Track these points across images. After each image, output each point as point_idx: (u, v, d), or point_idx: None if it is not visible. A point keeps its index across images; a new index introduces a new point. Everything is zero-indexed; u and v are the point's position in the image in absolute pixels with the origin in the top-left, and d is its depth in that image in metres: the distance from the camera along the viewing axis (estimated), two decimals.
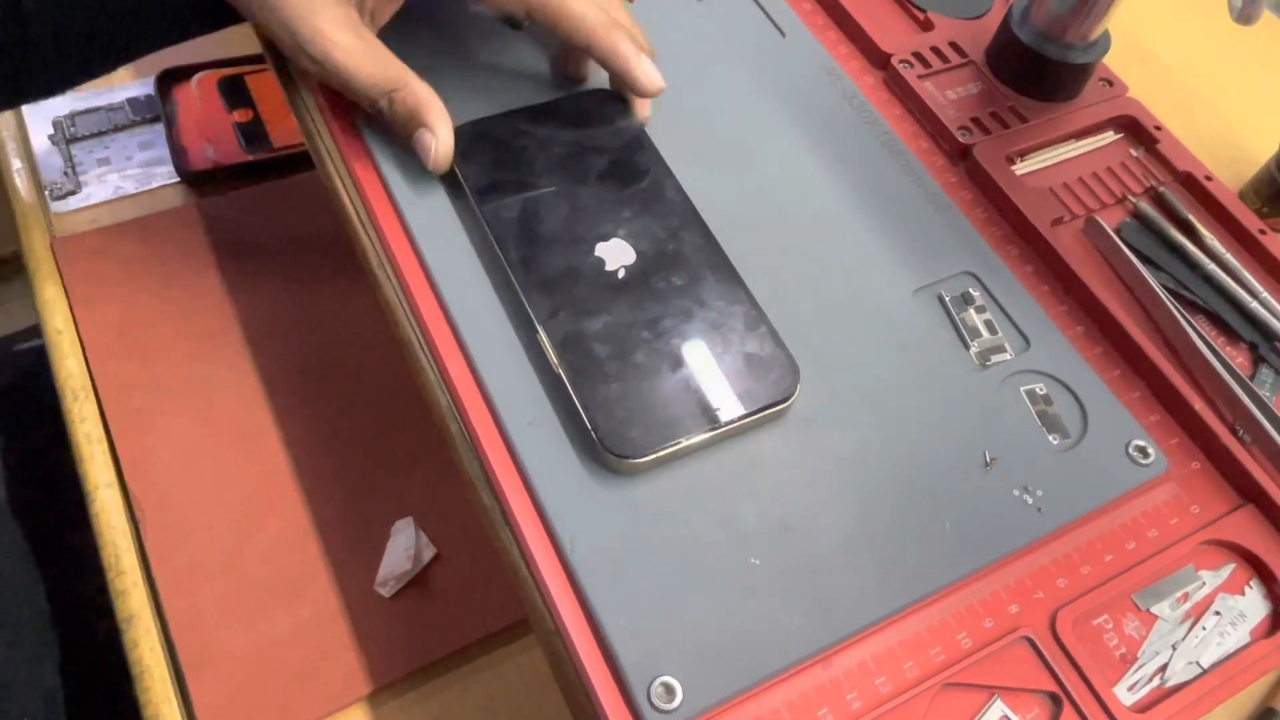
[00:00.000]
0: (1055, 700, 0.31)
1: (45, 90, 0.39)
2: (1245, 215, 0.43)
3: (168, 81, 0.61)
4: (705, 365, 0.33)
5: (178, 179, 0.58)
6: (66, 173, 0.57)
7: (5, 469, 0.58)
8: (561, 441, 0.32)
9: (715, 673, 0.29)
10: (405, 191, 0.37)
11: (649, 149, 0.38)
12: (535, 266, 0.34)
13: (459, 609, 0.46)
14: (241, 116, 0.60)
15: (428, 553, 0.47)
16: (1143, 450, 0.35)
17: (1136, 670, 0.32)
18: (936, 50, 0.46)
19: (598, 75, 0.41)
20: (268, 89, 0.62)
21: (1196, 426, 0.37)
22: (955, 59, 0.46)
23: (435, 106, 0.36)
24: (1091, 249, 0.42)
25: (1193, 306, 0.41)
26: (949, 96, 0.45)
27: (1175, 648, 0.33)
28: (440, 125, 0.36)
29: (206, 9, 0.39)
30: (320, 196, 0.41)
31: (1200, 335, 0.39)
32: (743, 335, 0.34)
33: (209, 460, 0.48)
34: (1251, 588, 0.35)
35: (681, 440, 0.32)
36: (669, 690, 0.28)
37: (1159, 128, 0.46)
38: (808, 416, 0.34)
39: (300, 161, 0.59)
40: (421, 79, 0.36)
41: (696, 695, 0.29)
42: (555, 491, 0.31)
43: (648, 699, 0.28)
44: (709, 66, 0.44)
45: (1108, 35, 0.44)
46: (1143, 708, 0.32)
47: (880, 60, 0.46)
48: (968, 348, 0.37)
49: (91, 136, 0.59)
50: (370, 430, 0.51)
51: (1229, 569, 0.35)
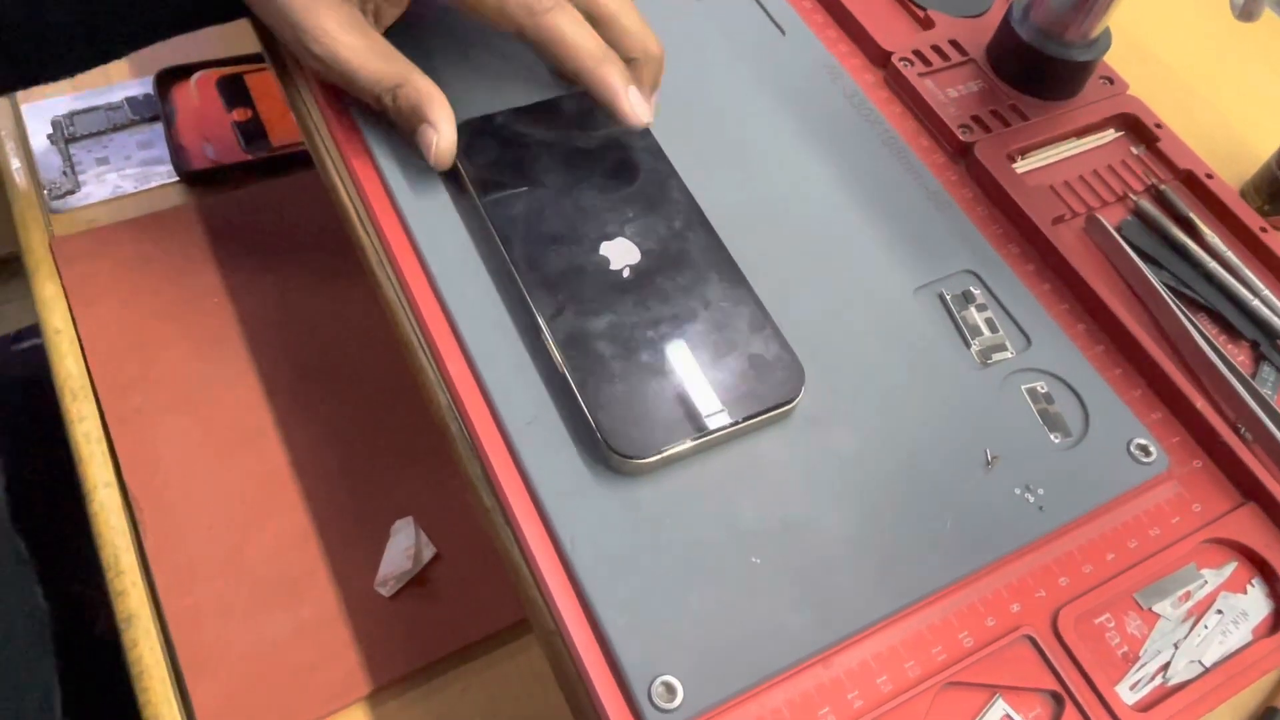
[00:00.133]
0: (1057, 699, 0.31)
1: (55, 75, 0.40)
2: (1246, 213, 0.43)
3: (167, 81, 0.61)
4: (711, 366, 0.33)
5: (177, 178, 0.58)
6: (65, 172, 0.57)
7: (3, 469, 0.58)
8: (562, 441, 0.32)
9: (716, 672, 0.29)
10: (405, 190, 0.37)
11: (652, 148, 0.38)
12: (539, 264, 0.34)
13: (459, 609, 0.46)
14: (240, 115, 0.60)
15: (427, 552, 0.47)
16: (1144, 448, 0.35)
17: (1138, 669, 0.32)
18: (937, 48, 0.46)
19: None
20: (267, 88, 0.62)
21: (1198, 424, 0.37)
22: (956, 57, 0.46)
23: (438, 101, 0.36)
24: (1093, 247, 0.42)
25: (1194, 304, 0.41)
26: (949, 94, 0.45)
27: (1177, 646, 0.33)
28: (443, 120, 0.35)
29: (214, 2, 0.39)
30: (320, 195, 0.41)
31: (1202, 333, 0.39)
32: (748, 336, 0.34)
33: (208, 459, 0.48)
34: (1254, 586, 0.35)
35: (687, 441, 0.31)
36: (670, 689, 0.28)
37: (1160, 125, 0.45)
38: (807, 416, 0.34)
39: (299, 160, 0.59)
40: (425, 74, 0.36)
41: (697, 694, 0.28)
42: (555, 491, 0.31)
43: (648, 698, 0.28)
44: (708, 65, 0.44)
45: (1108, 33, 0.44)
46: (1145, 707, 0.31)
47: (880, 58, 0.46)
48: (969, 346, 0.37)
49: (90, 136, 0.59)
50: (370, 429, 0.51)
51: (1231, 567, 0.35)
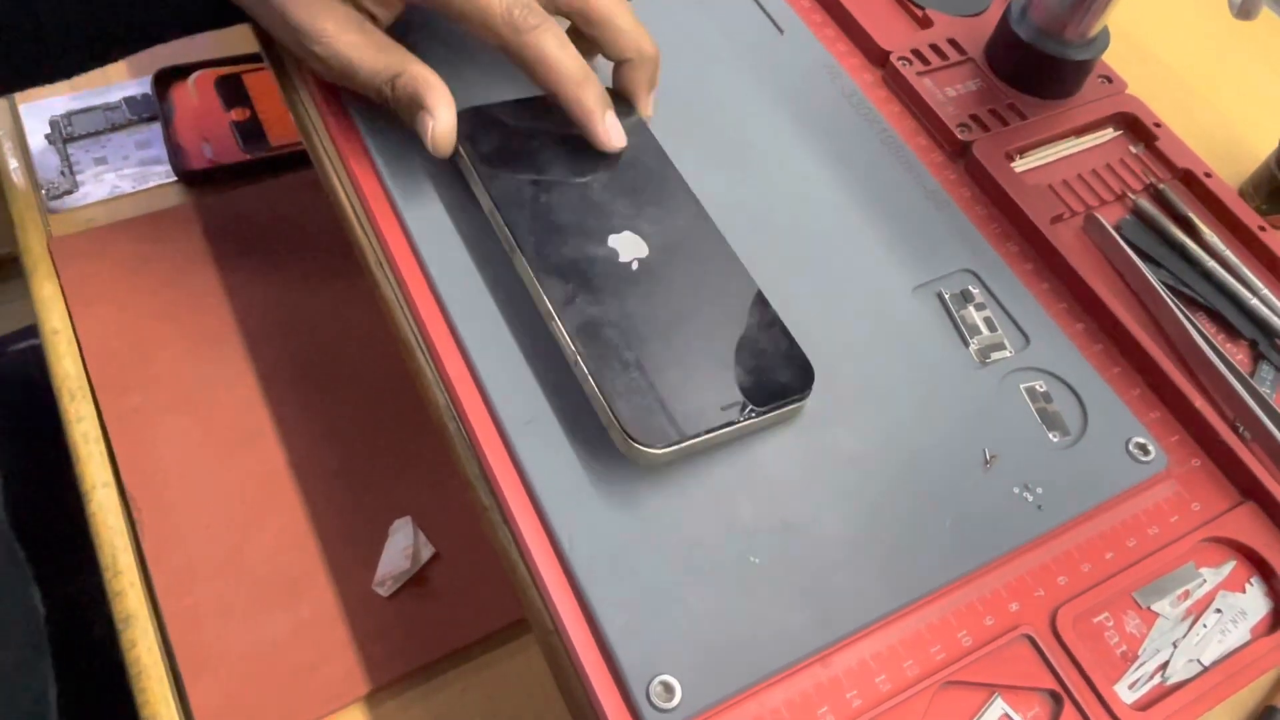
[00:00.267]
0: (1056, 698, 0.31)
1: (51, 77, 0.40)
2: (1245, 212, 0.43)
3: (165, 80, 0.61)
4: (726, 359, 0.33)
5: (175, 178, 0.58)
6: (63, 172, 0.57)
7: (1, 469, 0.57)
8: (560, 440, 0.32)
9: (715, 671, 0.29)
10: (403, 190, 0.37)
11: (653, 145, 0.38)
12: (547, 252, 0.34)
13: (457, 608, 0.45)
14: (239, 115, 0.60)
15: (426, 552, 0.47)
16: (1143, 447, 0.35)
17: (1137, 668, 0.32)
18: (935, 47, 0.46)
19: (601, 70, 0.41)
20: (265, 88, 0.62)
21: (1197, 423, 0.37)
22: (954, 56, 0.46)
23: (436, 88, 0.35)
24: (1091, 246, 0.42)
25: (1192, 303, 0.41)
26: (948, 94, 0.45)
27: (1176, 645, 0.33)
28: (441, 106, 0.35)
29: (212, 6, 0.39)
30: (318, 195, 0.41)
31: (1200, 332, 0.39)
32: (758, 332, 0.34)
33: (206, 459, 0.48)
34: (1252, 585, 0.35)
35: (703, 433, 0.31)
36: (668, 689, 0.28)
37: (1158, 124, 0.45)
38: (806, 415, 0.34)
39: (298, 160, 0.59)
40: (424, 63, 0.36)
41: (696, 694, 0.28)
42: (554, 490, 0.31)
43: (647, 698, 0.28)
44: (706, 64, 0.44)
45: (1107, 32, 0.44)
46: (1143, 706, 0.31)
47: (879, 57, 0.46)
48: (967, 345, 0.37)
49: (88, 136, 0.59)
50: (369, 429, 0.51)
51: (1230, 566, 0.35)
